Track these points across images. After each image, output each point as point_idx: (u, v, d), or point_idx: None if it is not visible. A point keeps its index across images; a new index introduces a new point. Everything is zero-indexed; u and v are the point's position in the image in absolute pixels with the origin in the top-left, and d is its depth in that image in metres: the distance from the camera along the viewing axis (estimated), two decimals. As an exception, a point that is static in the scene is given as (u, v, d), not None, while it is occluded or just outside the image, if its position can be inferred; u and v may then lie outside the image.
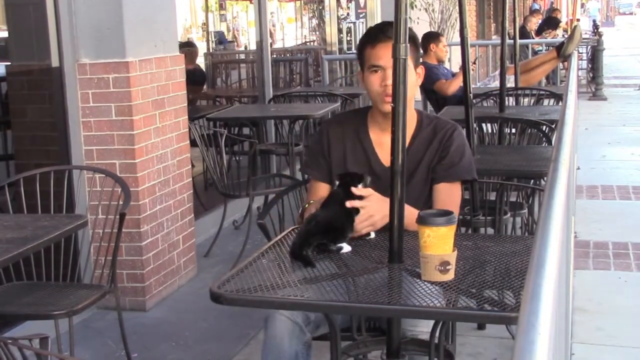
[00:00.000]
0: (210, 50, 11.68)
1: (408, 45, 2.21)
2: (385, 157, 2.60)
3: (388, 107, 2.51)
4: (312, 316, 2.49)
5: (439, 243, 2.01)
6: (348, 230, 2.34)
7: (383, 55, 2.56)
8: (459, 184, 2.71)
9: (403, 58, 2.16)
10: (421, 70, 2.70)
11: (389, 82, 2.48)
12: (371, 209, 2.37)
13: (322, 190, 2.69)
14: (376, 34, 2.62)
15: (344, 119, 2.86)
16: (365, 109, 2.80)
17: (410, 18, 9.50)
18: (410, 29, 2.49)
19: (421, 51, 7.27)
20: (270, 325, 2.43)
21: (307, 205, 2.60)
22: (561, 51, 7.67)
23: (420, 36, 7.38)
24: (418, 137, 2.68)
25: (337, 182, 2.45)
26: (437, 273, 2.01)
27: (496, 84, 8.43)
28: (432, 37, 7.28)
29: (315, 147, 2.79)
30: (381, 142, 2.66)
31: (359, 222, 2.37)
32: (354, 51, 10.50)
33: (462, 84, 4.42)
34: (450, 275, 2.02)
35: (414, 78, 2.64)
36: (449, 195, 2.66)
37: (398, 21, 2.17)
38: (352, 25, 10.76)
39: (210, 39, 11.92)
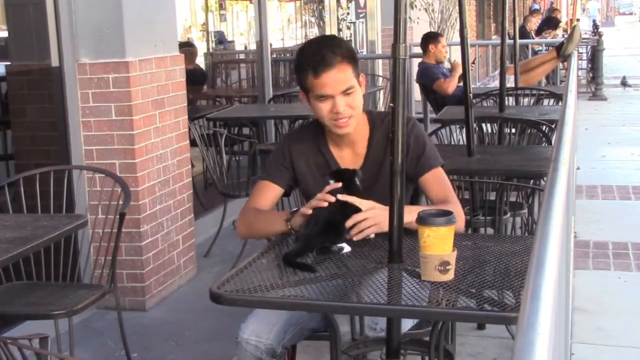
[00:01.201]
0: (210, 50, 11.67)
1: (408, 45, 2.21)
2: (346, 165, 2.60)
3: (344, 131, 2.54)
4: (286, 336, 2.51)
5: (438, 243, 2.01)
6: (344, 229, 2.33)
7: (329, 83, 2.47)
8: (439, 169, 2.67)
9: (403, 58, 2.16)
10: (362, 78, 2.57)
11: (341, 108, 2.48)
12: (376, 215, 2.36)
13: (272, 192, 2.66)
14: (318, 64, 2.47)
15: (302, 134, 2.75)
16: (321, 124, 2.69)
17: (410, 18, 9.51)
18: (347, 43, 2.48)
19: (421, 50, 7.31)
20: (238, 355, 2.51)
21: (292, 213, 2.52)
22: (561, 51, 7.68)
23: (420, 36, 7.43)
24: (374, 139, 2.63)
25: (329, 180, 2.43)
26: (437, 273, 2.01)
27: (496, 83, 8.42)
28: (431, 38, 7.28)
29: (277, 158, 2.71)
30: (342, 155, 2.64)
31: (365, 226, 2.35)
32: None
33: (461, 83, 4.42)
34: (450, 275, 2.02)
35: (361, 94, 2.56)
36: (436, 182, 2.63)
37: (398, 21, 2.17)
38: (352, 25, 10.75)
39: (210, 39, 11.91)
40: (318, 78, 2.48)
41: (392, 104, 2.19)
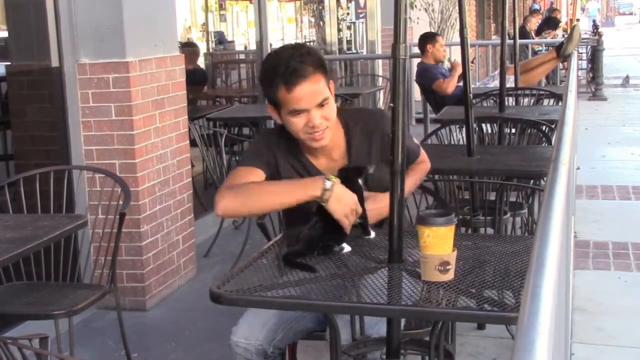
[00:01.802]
0: (210, 51, 11.67)
1: (408, 45, 2.21)
2: (329, 170, 2.45)
3: (320, 144, 2.43)
4: (277, 336, 2.51)
5: (438, 243, 2.01)
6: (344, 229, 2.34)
7: (303, 97, 2.34)
8: (421, 155, 2.74)
9: (403, 58, 2.16)
10: (332, 85, 2.45)
11: (317, 122, 2.36)
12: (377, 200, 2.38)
13: (256, 177, 2.44)
14: (290, 77, 2.32)
15: (277, 139, 2.54)
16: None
17: (410, 18, 9.51)
18: (316, 50, 2.40)
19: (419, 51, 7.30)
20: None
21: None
22: (561, 51, 7.68)
23: (418, 36, 7.43)
24: (353, 146, 2.53)
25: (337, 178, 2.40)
26: (437, 273, 2.01)
27: (496, 83, 8.44)
28: (428, 38, 7.28)
29: (260, 149, 2.53)
30: (319, 163, 2.53)
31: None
32: (354, 51, 10.52)
33: (461, 83, 4.42)
34: (450, 275, 2.02)
35: (334, 103, 2.47)
36: (417, 162, 2.70)
37: (398, 21, 2.17)
38: (352, 25, 10.76)
39: (210, 39, 11.91)
40: (291, 92, 2.33)
41: (392, 104, 2.19)
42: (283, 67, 2.33)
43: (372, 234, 2.42)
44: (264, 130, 2.60)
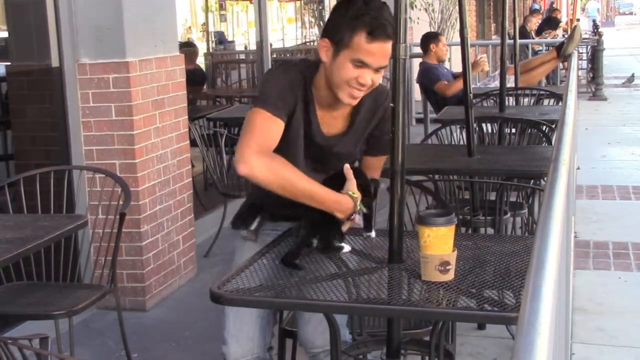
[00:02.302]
0: (210, 51, 11.67)
1: (408, 45, 2.21)
2: (326, 126, 2.43)
3: (352, 102, 2.36)
4: (267, 339, 2.54)
5: (439, 243, 2.01)
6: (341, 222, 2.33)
7: (378, 54, 2.26)
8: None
9: (403, 58, 2.16)
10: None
11: (368, 82, 2.29)
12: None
13: (278, 130, 2.32)
14: (378, 29, 2.22)
15: (296, 76, 2.40)
16: (312, 68, 2.41)
17: (410, 18, 9.48)
18: None
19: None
20: None
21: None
22: (561, 51, 7.67)
23: (420, 36, 7.43)
24: (360, 112, 2.46)
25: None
26: (437, 273, 2.01)
27: (496, 84, 8.43)
28: (431, 37, 7.28)
29: (285, 85, 2.36)
30: (324, 118, 2.43)
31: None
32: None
33: (462, 87, 4.41)
34: (450, 276, 2.02)
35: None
36: (379, 165, 2.60)
37: (398, 21, 2.17)
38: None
39: (210, 39, 11.92)
40: (371, 43, 2.22)
41: (392, 104, 2.19)
42: (376, 13, 2.24)
43: (373, 233, 2.42)
44: (289, 66, 2.47)
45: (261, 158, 2.24)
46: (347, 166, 2.37)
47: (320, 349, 2.48)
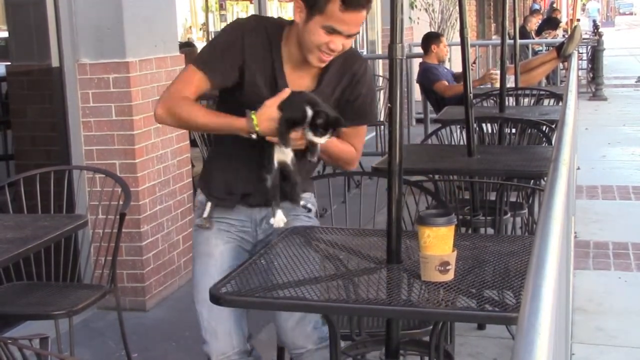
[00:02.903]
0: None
1: (407, 45, 2.21)
2: (293, 82, 2.39)
3: (321, 65, 2.36)
4: (245, 331, 2.56)
5: (438, 243, 2.01)
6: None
7: (351, 22, 2.26)
8: (365, 126, 2.60)
9: (400, 59, 2.16)
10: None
11: (338, 48, 2.29)
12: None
13: (201, 87, 2.39)
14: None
15: (260, 29, 2.41)
16: (279, 27, 2.43)
17: (410, 18, 9.45)
18: None
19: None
20: None
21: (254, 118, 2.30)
22: (561, 51, 7.67)
23: (420, 36, 7.43)
24: (328, 72, 2.42)
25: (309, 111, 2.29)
26: (437, 273, 2.01)
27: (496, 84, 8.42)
28: (433, 38, 7.29)
29: (225, 49, 2.39)
30: (292, 75, 2.41)
31: None
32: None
33: (461, 83, 4.41)
34: (450, 276, 2.02)
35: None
36: (357, 135, 2.55)
37: (394, 22, 2.16)
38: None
39: (210, 39, 11.91)
40: (345, 12, 2.22)
41: (389, 104, 2.19)
42: None
43: (315, 159, 2.38)
44: (242, 22, 2.49)
45: (166, 102, 2.38)
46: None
47: (303, 349, 2.46)
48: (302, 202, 2.49)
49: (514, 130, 4.95)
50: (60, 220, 3.03)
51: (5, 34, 4.76)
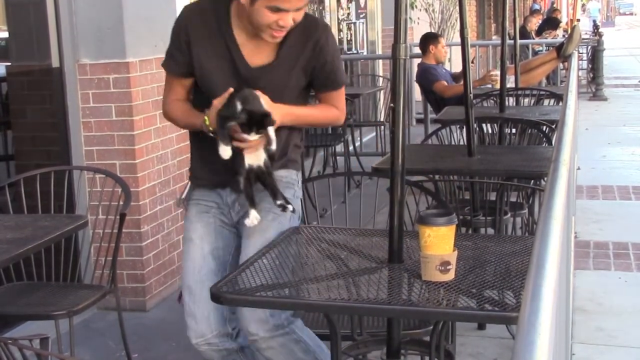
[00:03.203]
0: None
1: (408, 45, 2.21)
2: (250, 56, 2.42)
3: (276, 41, 2.37)
4: (226, 314, 2.55)
5: (439, 243, 2.01)
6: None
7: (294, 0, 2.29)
8: (343, 87, 2.60)
9: (403, 59, 2.16)
10: None
11: (289, 24, 2.31)
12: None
13: (181, 85, 2.55)
14: None
15: (207, 12, 2.47)
16: (227, 5, 2.45)
17: (410, 18, 9.42)
18: None
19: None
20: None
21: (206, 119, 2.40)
22: (561, 51, 7.67)
23: (419, 36, 7.43)
24: (286, 42, 2.42)
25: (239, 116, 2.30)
26: (438, 273, 2.01)
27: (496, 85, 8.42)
28: (431, 38, 7.27)
29: (173, 40, 2.53)
30: (246, 45, 2.42)
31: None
32: (354, 51, 10.52)
33: (461, 91, 4.41)
34: (450, 276, 2.02)
35: None
36: (335, 98, 2.57)
37: (398, 22, 2.17)
38: (352, 25, 10.76)
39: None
40: None
41: (392, 104, 2.19)
42: None
43: (274, 146, 2.36)
44: (186, 7, 2.61)
45: (163, 109, 2.63)
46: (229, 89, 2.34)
47: (255, 337, 2.44)
48: (279, 202, 2.45)
49: (514, 131, 4.95)
50: (60, 221, 3.03)
51: (5, 34, 4.75)
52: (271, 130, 2.30)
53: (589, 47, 14.90)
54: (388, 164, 2.25)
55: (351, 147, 7.30)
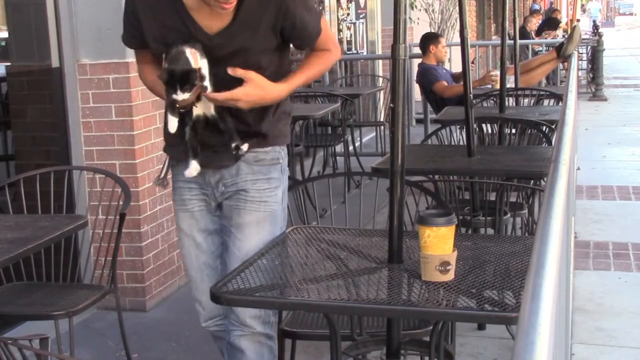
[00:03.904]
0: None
1: (408, 45, 2.21)
2: (205, 23, 2.34)
3: (227, 10, 2.29)
4: None
5: (439, 243, 2.01)
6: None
7: None
8: (323, 24, 2.50)
9: (402, 59, 2.16)
10: None
11: None
12: (243, 92, 2.32)
13: (147, 55, 2.54)
14: None
15: None
16: None
17: (410, 18, 9.43)
18: None
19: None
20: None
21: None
22: (561, 52, 7.67)
23: (419, 37, 7.43)
24: (244, 4, 2.34)
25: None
26: (437, 273, 2.01)
27: (496, 85, 8.42)
28: (431, 38, 7.27)
29: (125, 17, 2.46)
30: (200, 10, 2.33)
31: (227, 96, 2.30)
32: (354, 52, 10.52)
33: (461, 91, 4.41)
34: (450, 276, 2.02)
35: None
36: (324, 44, 2.49)
37: (397, 22, 2.17)
38: (352, 25, 10.76)
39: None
40: None
41: (392, 105, 2.19)
42: None
43: (208, 90, 2.32)
44: None
45: (140, 77, 2.68)
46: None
47: (250, 330, 2.49)
48: (234, 144, 2.40)
49: (514, 131, 4.95)
50: (60, 221, 3.04)
51: (5, 34, 4.75)
52: (184, 94, 2.27)
53: (589, 47, 14.90)
54: (388, 164, 2.25)
55: (351, 147, 7.30)
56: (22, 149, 4.66)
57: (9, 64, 4.75)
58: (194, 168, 2.44)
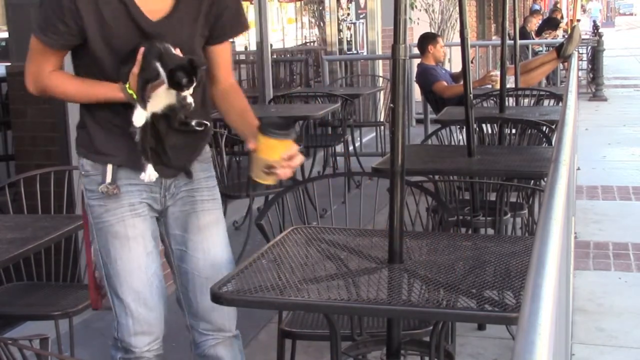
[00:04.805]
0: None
1: (408, 45, 2.21)
2: (148, 10, 2.25)
3: None
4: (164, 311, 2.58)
5: (268, 150, 2.18)
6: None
7: None
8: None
9: (402, 59, 2.16)
10: None
11: None
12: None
13: (55, 56, 2.32)
14: None
15: None
16: None
17: (410, 19, 9.45)
18: None
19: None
20: None
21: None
22: (561, 52, 7.67)
23: (418, 37, 7.43)
24: None
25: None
26: (262, 174, 2.20)
27: (496, 85, 8.43)
28: (429, 38, 7.27)
29: (53, 11, 2.22)
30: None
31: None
32: (354, 52, 10.53)
33: (461, 91, 4.41)
34: (273, 180, 2.20)
35: None
36: (227, 55, 2.45)
37: (397, 22, 2.17)
38: (352, 25, 10.77)
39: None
40: None
41: (392, 105, 2.19)
42: None
43: (189, 103, 2.29)
44: None
45: (35, 85, 2.38)
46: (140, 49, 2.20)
47: (228, 334, 2.54)
48: (193, 122, 2.34)
49: (514, 131, 4.95)
50: (60, 221, 3.04)
51: (5, 34, 4.75)
52: (192, 88, 2.25)
53: (589, 47, 14.91)
54: (388, 164, 2.25)
55: (351, 148, 7.30)
56: (22, 149, 4.66)
57: (9, 64, 4.75)
58: (150, 172, 2.33)
